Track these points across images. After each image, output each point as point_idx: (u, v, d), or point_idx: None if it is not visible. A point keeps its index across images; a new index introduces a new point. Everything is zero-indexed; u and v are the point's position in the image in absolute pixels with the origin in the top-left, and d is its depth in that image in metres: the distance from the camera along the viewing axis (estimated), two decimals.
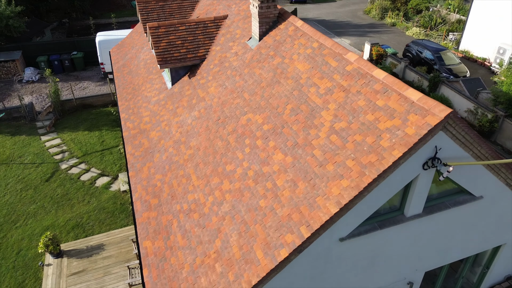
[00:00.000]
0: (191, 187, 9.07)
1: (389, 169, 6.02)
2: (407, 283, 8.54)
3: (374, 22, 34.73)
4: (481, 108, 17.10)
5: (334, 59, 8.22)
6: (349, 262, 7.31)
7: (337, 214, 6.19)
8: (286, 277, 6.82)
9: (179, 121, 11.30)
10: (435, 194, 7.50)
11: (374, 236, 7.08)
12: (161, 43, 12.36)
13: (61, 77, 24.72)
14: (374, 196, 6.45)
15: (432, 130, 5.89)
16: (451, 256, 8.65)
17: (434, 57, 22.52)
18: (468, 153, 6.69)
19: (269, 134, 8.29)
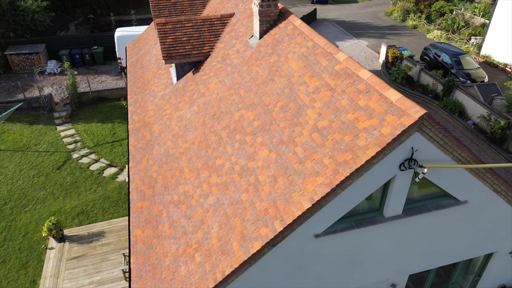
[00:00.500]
0: (183, 179, 9.32)
1: (362, 167, 6.05)
2: (390, 284, 8.49)
3: (395, 24, 34.14)
4: (494, 115, 16.61)
5: (325, 59, 8.28)
6: (327, 260, 7.36)
7: (310, 210, 6.28)
8: (262, 270, 6.95)
9: (180, 115, 11.59)
10: (418, 196, 7.45)
11: (351, 234, 7.10)
12: (168, 39, 12.69)
13: (81, 70, 25.64)
14: (349, 194, 6.48)
15: (406, 130, 5.89)
16: (438, 260, 8.54)
17: (452, 61, 21.99)
18: (448, 156, 6.62)
19: (258, 131, 8.43)
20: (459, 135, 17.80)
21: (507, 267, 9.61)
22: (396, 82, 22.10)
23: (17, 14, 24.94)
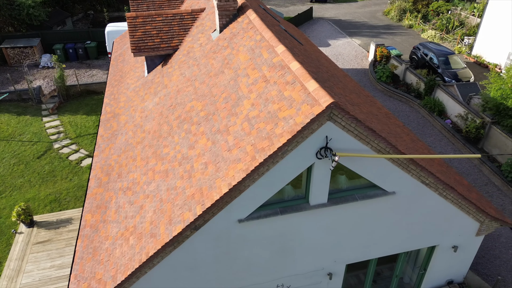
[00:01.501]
0: (134, 167, 9.61)
1: (275, 154, 6.25)
2: (327, 273, 8.65)
3: (391, 24, 33.98)
4: (471, 114, 16.55)
5: (267, 51, 8.47)
6: (256, 245, 7.56)
7: (228, 194, 6.50)
8: (188, 253, 7.19)
9: (143, 106, 11.89)
10: (347, 186, 7.59)
11: (276, 221, 7.29)
12: (137, 33, 12.99)
13: (74, 64, 26.17)
14: (268, 180, 6.68)
15: (315, 119, 6.07)
16: (375, 251, 8.66)
17: (438, 60, 21.89)
18: (367, 147, 6.77)
19: (202, 120, 8.67)
20: (437, 134, 17.77)
21: (452, 262, 9.68)
22: (381, 81, 22.10)
23: (13, 8, 25.58)
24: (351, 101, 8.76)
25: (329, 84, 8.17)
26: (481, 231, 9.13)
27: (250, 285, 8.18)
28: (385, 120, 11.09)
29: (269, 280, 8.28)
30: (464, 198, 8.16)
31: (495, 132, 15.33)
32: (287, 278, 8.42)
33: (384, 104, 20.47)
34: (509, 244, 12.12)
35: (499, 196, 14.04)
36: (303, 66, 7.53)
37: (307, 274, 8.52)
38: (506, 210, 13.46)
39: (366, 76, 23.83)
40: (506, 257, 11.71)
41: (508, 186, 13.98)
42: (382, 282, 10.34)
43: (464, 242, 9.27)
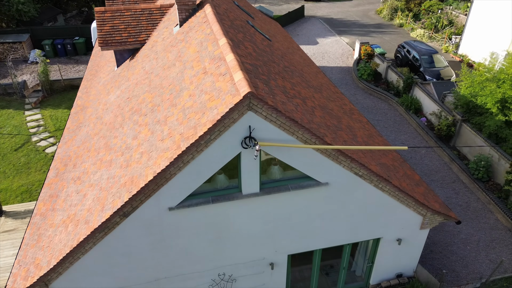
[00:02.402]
0: (87, 158, 9.81)
1: (197, 142, 6.42)
2: (269, 263, 8.78)
3: (382, 23, 33.93)
4: (444, 112, 16.57)
5: (212, 44, 8.62)
6: (191, 234, 7.72)
7: (153, 181, 6.68)
8: (121, 240, 7.36)
9: (107, 99, 12.10)
10: (281, 177, 7.72)
11: (208, 209, 7.45)
12: (105, 27, 13.18)
13: (63, 60, 26.50)
14: (195, 169, 6.83)
15: (233, 108, 6.21)
16: (316, 242, 8.78)
17: (420, 59, 21.88)
18: (292, 137, 6.90)
19: (148, 112, 8.84)
20: (412, 131, 17.80)
21: (399, 255, 9.76)
22: (362, 79, 22.14)
23: (3, 4, 25.93)
24: (296, 94, 8.88)
25: (269, 77, 8.30)
26: (425, 225, 9.20)
27: (190, 273, 8.35)
28: (342, 115, 11.20)
29: (209, 269, 8.44)
30: (400, 191, 8.25)
31: (465, 130, 15.34)
32: (228, 267, 8.57)
33: (364, 101, 20.52)
34: (468, 241, 12.17)
35: (465, 194, 14.07)
36: (240, 58, 7.68)
37: (248, 263, 8.67)
38: (470, 207, 13.49)
39: (350, 74, 23.87)
40: (463, 253, 11.76)
41: (475, 184, 14.00)
42: (335, 275, 10.45)
43: (408, 235, 9.36)
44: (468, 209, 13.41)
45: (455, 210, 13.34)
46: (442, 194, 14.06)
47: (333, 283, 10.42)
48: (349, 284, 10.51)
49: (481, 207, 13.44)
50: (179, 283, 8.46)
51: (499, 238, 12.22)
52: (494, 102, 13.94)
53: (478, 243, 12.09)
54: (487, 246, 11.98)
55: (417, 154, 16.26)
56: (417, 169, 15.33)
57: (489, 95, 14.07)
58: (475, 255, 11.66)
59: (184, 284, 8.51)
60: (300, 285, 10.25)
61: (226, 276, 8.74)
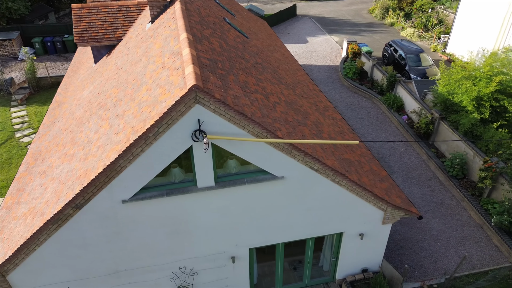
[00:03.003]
0: (55, 152, 9.91)
1: (144, 135, 6.50)
2: (230, 257, 8.85)
3: (374, 22, 33.95)
4: (424, 110, 16.62)
5: (174, 40, 8.70)
6: (147, 226, 7.80)
7: (103, 174, 6.77)
8: (76, 232, 7.45)
9: (81, 95, 12.19)
10: (237, 170, 7.80)
11: (164, 202, 7.53)
12: (81, 23, 13.29)
13: (52, 57, 26.63)
14: (146, 162, 6.92)
15: (179, 101, 6.30)
16: (277, 236, 8.85)
17: (406, 58, 21.93)
18: (243, 131, 6.97)
19: (112, 106, 8.93)
20: (394, 129, 17.85)
21: (363, 250, 9.83)
22: (347, 77, 22.19)
23: None
24: (258, 90, 8.95)
25: (229, 72, 8.37)
26: (386, 220, 9.27)
27: (150, 265, 8.43)
28: (313, 112, 11.27)
29: (169, 262, 8.52)
30: (358, 186, 8.32)
31: (443, 128, 15.39)
32: (189, 260, 8.66)
33: (348, 99, 20.57)
34: (438, 237, 12.23)
35: (440, 191, 14.12)
36: (197, 53, 7.77)
37: (209, 257, 8.75)
38: (444, 204, 13.54)
39: (336, 73, 23.93)
40: (432, 249, 11.81)
41: (450, 181, 14.05)
42: (303, 269, 10.51)
43: (370, 230, 9.43)
44: (442, 206, 13.46)
45: (429, 207, 13.39)
46: (418, 191, 14.12)
47: (300, 278, 10.49)
48: (316, 279, 10.59)
49: (455, 204, 13.50)
50: (139, 275, 8.56)
51: (470, 235, 12.28)
52: (469, 100, 13.99)
53: (449, 239, 12.15)
54: (457, 242, 12.04)
55: (396, 152, 16.31)
56: (395, 167, 15.39)
57: (465, 93, 14.13)
58: (445, 252, 11.72)
59: (144, 276, 8.60)
60: (267, 280, 10.33)
61: (187, 269, 8.82)
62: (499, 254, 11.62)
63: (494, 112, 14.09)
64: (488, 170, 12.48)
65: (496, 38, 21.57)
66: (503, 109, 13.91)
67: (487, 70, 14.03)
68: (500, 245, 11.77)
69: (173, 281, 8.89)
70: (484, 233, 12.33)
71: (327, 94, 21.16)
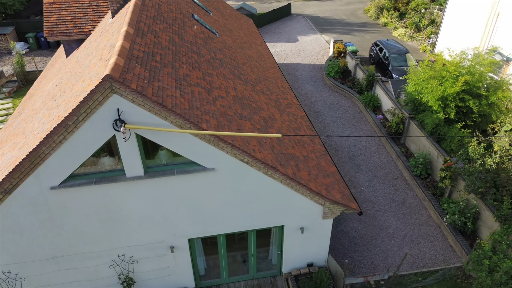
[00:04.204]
0: (10, 142, 10.21)
1: (63, 123, 6.74)
2: (169, 247, 9.04)
3: (368, 22, 33.83)
4: (398, 109, 16.59)
5: (117, 33, 8.92)
6: (79, 213, 8.03)
7: (26, 160, 7.06)
8: (8, 217, 7.71)
9: (47, 87, 12.51)
10: (168, 161, 7.98)
11: (92, 190, 7.75)
12: (52, 17, 13.63)
13: (45, 52, 27.17)
14: (70, 149, 7.15)
15: (94, 90, 6.51)
16: (214, 227, 9.00)
17: (389, 58, 21.86)
18: (166, 121, 7.15)
19: (58, 97, 9.19)
20: (369, 128, 17.84)
21: (306, 244, 9.92)
22: (329, 76, 22.21)
23: None
24: (200, 83, 9.12)
25: (167, 65, 8.56)
26: (326, 214, 9.35)
27: (87, 252, 8.67)
28: (267, 108, 11.40)
29: (106, 249, 8.75)
30: (291, 179, 8.42)
31: (412, 127, 15.35)
32: (127, 248, 8.87)
33: (328, 98, 20.60)
34: (394, 235, 12.25)
35: (404, 190, 14.11)
36: (132, 46, 7.99)
37: (147, 245, 8.95)
38: (405, 203, 13.53)
39: (321, 71, 23.95)
40: (386, 247, 11.85)
41: (414, 181, 14.03)
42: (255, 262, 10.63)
43: (311, 224, 9.52)
44: (403, 205, 13.46)
45: (390, 206, 13.40)
46: (382, 189, 14.13)
47: (247, 271, 10.63)
48: (264, 272, 10.71)
49: (417, 204, 13.48)
50: (78, 262, 8.80)
51: (426, 234, 12.27)
52: (435, 100, 13.94)
53: (404, 238, 12.16)
54: (412, 241, 12.04)
55: (367, 151, 16.32)
56: (364, 165, 15.41)
57: (430, 93, 14.09)
58: (397, 250, 11.74)
59: (83, 263, 8.85)
60: (216, 272, 10.49)
61: (127, 257, 9.04)
62: (453, 253, 11.60)
63: (461, 112, 14.02)
64: (447, 170, 12.45)
65: (481, 39, 21.38)
66: (469, 109, 13.83)
67: (453, 69, 13.97)
68: (454, 245, 11.75)
69: (112, 268, 9.11)
70: (440, 232, 12.31)
71: (308, 93, 21.23)
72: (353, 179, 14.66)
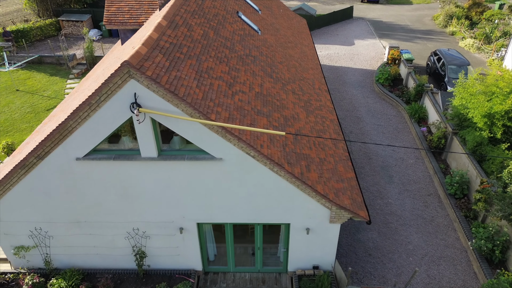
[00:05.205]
0: (57, 116, 11.48)
1: (87, 101, 7.53)
2: (179, 228, 9.60)
3: (434, 29, 31.98)
4: (443, 123, 15.66)
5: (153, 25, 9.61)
6: (99, 185, 8.87)
7: (56, 131, 7.95)
8: (40, 178, 8.76)
9: (98, 71, 13.80)
10: (182, 147, 8.51)
11: (111, 165, 8.51)
12: (112, 8, 14.96)
13: (115, 40, 29.58)
14: (93, 126, 7.94)
15: (114, 74, 7.18)
16: (221, 215, 9.36)
17: (446, 68, 20.61)
18: (178, 109, 7.65)
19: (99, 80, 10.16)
20: (410, 140, 17.06)
21: (311, 246, 9.91)
22: (378, 82, 21.51)
23: None
24: (222, 77, 9.53)
25: (191, 57, 9.08)
26: (333, 219, 9.28)
27: (105, 221, 9.53)
28: (293, 107, 11.52)
29: (122, 221, 9.54)
30: (296, 178, 8.50)
31: (455, 143, 14.44)
32: (140, 223, 9.59)
33: (373, 105, 20.00)
34: (414, 252, 11.70)
35: (435, 208, 13.36)
36: (161, 37, 8.64)
37: (159, 224, 9.59)
38: (434, 221, 12.82)
39: (371, 77, 23.26)
40: (402, 262, 11.37)
41: (448, 199, 13.22)
42: (264, 256, 10.84)
43: (317, 227, 9.50)
44: (431, 223, 12.77)
45: (415, 222, 12.80)
46: (410, 204, 13.52)
47: (254, 263, 10.88)
48: (271, 267, 10.88)
49: (446, 224, 12.71)
50: (98, 229, 9.71)
51: (450, 257, 11.56)
52: (481, 116, 13.00)
53: (424, 257, 11.57)
54: (432, 261, 11.43)
55: (404, 163, 15.65)
56: (396, 177, 14.83)
57: (476, 108, 13.15)
58: (414, 267, 11.21)
59: (102, 231, 9.74)
60: (224, 259, 10.89)
61: (140, 232, 9.77)
62: (475, 281, 10.82)
63: (509, 133, 12.93)
64: (483, 192, 11.60)
65: None
66: None
67: (504, 86, 12.91)
68: (478, 272, 10.95)
69: (127, 240, 9.92)
70: (466, 257, 11.52)
71: (353, 97, 20.78)
72: (382, 190, 14.19)
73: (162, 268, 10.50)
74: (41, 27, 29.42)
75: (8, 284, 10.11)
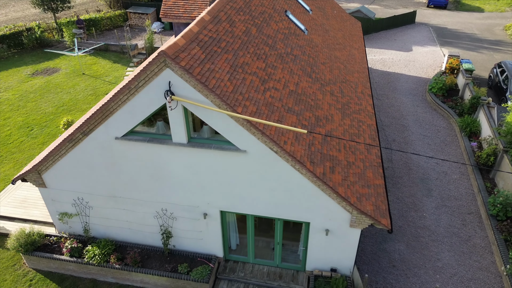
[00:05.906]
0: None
1: (128, 86, 8.20)
2: (203, 213, 10.07)
3: (504, 40, 29.64)
4: (495, 139, 14.62)
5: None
6: (134, 164, 9.59)
7: (99, 111, 8.73)
8: (84, 153, 9.67)
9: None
10: (210, 136, 8.94)
11: (145, 147, 9.17)
12: (168, 2, 15.89)
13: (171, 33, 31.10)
14: (131, 109, 8.62)
15: (152, 62, 7.76)
16: (243, 206, 9.67)
17: (509, 82, 19.14)
18: (207, 100, 8.07)
19: None
20: (458, 155, 16.13)
21: (330, 248, 9.88)
22: (431, 92, 20.50)
23: None
24: (257, 72, 9.81)
25: (228, 52, 9.46)
26: (353, 223, 9.19)
27: (138, 199, 10.27)
28: (328, 108, 11.51)
29: (153, 201, 10.22)
30: (316, 177, 8.55)
31: (505, 162, 13.45)
32: (168, 204, 10.21)
33: (422, 115, 19.14)
34: (442, 270, 11.15)
35: (473, 228, 12.58)
36: (201, 30, 9.15)
37: (185, 207, 10.14)
38: (470, 241, 12.09)
39: (425, 86, 22.21)
40: (428, 279, 10.89)
41: (489, 220, 12.39)
42: (283, 252, 11.02)
43: (337, 229, 9.46)
44: (466, 242, 12.06)
45: (449, 239, 12.17)
46: (447, 221, 12.86)
47: (273, 258, 11.08)
48: (289, 264, 11.01)
49: (483, 246, 11.94)
50: (131, 205, 10.49)
51: (481, 280, 10.87)
52: None
53: (453, 276, 10.99)
54: (461, 282, 10.82)
55: (446, 177, 14.88)
56: (436, 191, 14.15)
57: None
58: (440, 286, 10.71)
59: (134, 207, 10.51)
60: (245, 250, 11.22)
61: (168, 213, 10.40)
62: None
63: None
64: None
65: None
66: None
67: None
68: None
69: (156, 219, 10.60)
70: (499, 283, 10.77)
71: (401, 105, 20.05)
72: (418, 202, 13.64)
73: (186, 250, 11.07)
74: (111, 18, 31.79)
75: (51, 245, 11.28)
